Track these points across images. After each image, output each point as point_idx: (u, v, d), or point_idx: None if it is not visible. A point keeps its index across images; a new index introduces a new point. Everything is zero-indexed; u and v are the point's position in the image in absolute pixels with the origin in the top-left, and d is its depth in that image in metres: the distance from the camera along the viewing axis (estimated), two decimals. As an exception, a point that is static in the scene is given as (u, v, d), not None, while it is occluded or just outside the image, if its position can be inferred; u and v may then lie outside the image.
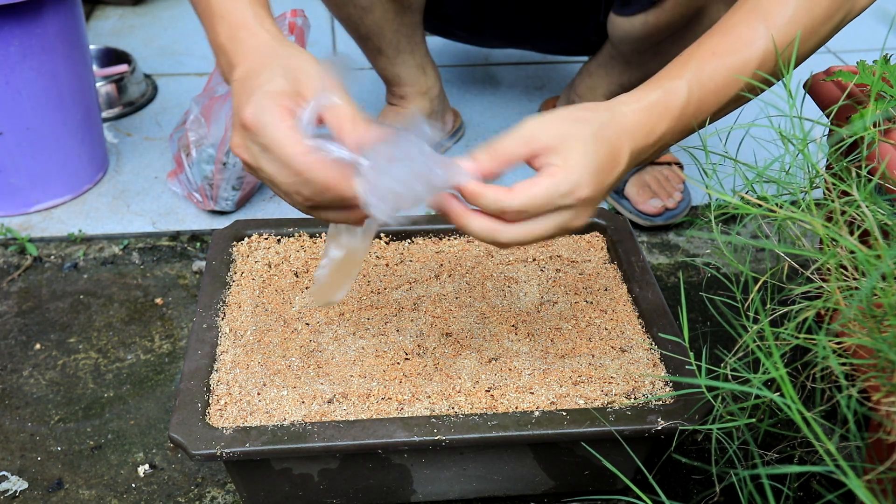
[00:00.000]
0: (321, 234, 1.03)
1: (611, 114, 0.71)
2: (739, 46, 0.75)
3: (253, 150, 0.67)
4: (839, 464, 0.55)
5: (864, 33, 1.92)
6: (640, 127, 0.72)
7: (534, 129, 0.68)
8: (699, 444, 0.96)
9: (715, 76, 0.75)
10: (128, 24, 1.92)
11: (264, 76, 0.68)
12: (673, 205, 1.27)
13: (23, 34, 1.18)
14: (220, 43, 0.74)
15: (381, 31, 1.26)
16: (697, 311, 1.14)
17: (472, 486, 0.86)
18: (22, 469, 0.93)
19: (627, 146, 0.71)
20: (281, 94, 0.67)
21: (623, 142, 0.71)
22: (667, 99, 0.73)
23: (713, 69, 0.75)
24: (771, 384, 0.75)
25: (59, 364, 1.06)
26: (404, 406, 0.81)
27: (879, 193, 0.79)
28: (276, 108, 0.66)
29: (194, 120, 1.27)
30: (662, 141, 0.74)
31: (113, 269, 1.21)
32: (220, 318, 0.91)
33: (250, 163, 0.68)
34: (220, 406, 0.81)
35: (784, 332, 0.68)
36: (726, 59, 0.75)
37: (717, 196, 0.69)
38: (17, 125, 1.23)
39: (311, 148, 0.65)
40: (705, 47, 0.76)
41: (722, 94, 0.75)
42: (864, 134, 0.79)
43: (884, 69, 0.90)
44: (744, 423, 0.71)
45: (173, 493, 0.91)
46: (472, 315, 0.93)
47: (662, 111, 0.73)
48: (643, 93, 0.73)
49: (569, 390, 0.83)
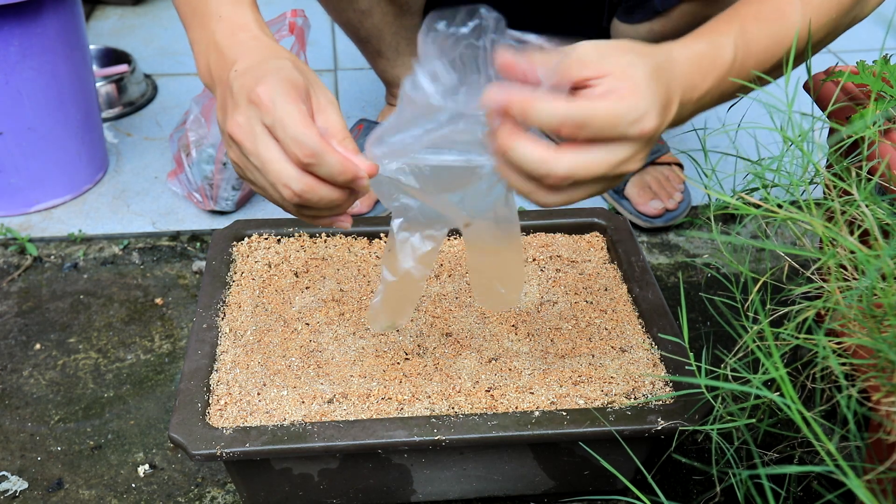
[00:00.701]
0: (321, 234, 1.03)
1: (666, 56, 0.64)
2: (779, 16, 0.71)
3: (256, 130, 0.64)
4: (839, 464, 0.55)
5: (864, 34, 1.92)
6: (690, 78, 0.66)
7: (590, 53, 0.60)
8: (699, 444, 0.96)
9: (759, 40, 0.70)
10: (128, 24, 1.92)
11: (274, 64, 0.67)
12: (674, 205, 1.27)
13: (23, 34, 1.18)
14: (215, 41, 0.73)
15: (381, 34, 1.27)
16: (697, 311, 1.14)
17: (472, 486, 0.86)
18: (22, 469, 0.93)
19: (678, 95, 0.64)
20: (296, 82, 0.65)
21: (675, 89, 0.64)
22: (714, 54, 0.67)
23: (757, 32, 0.69)
24: (771, 384, 0.75)
25: (59, 364, 1.06)
26: (404, 406, 0.81)
27: (879, 193, 0.79)
28: (292, 91, 0.64)
29: (194, 120, 1.27)
30: (702, 101, 0.67)
31: (113, 269, 1.21)
32: (220, 318, 0.91)
33: (246, 145, 0.65)
34: (220, 406, 0.81)
35: (784, 333, 0.68)
36: (769, 26, 0.70)
37: (716, 196, 0.69)
38: (17, 125, 1.23)
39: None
40: (749, 8, 0.70)
41: (762, 60, 0.70)
42: (864, 134, 0.79)
43: (884, 69, 0.90)
44: (744, 424, 0.71)
45: (173, 493, 0.91)
46: (472, 315, 0.93)
47: (709, 67, 0.67)
48: (692, 41, 0.67)
49: (569, 390, 0.83)
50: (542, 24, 1.34)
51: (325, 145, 0.63)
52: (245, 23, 0.73)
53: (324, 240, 1.03)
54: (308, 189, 0.64)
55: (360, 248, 1.02)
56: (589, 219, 1.05)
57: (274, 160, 0.64)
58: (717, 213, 0.75)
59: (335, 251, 1.01)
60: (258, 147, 0.64)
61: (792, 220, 0.68)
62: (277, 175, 0.64)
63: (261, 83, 0.64)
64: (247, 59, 0.69)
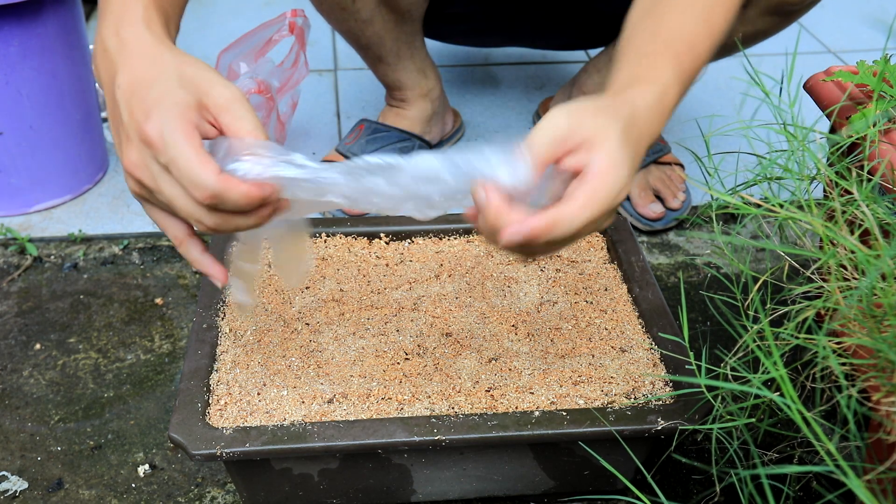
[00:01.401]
0: (321, 234, 1.03)
1: (630, 111, 0.66)
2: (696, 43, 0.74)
3: (153, 169, 0.62)
4: (839, 464, 0.55)
5: (864, 34, 1.92)
6: (649, 128, 0.69)
7: (561, 124, 0.63)
8: (699, 444, 0.96)
9: (693, 70, 0.73)
10: (128, 24, 1.92)
11: (160, 87, 0.63)
12: (677, 205, 1.28)
13: (23, 34, 1.18)
14: (101, 37, 0.68)
15: (382, 41, 1.27)
16: (697, 311, 1.14)
17: (472, 486, 0.86)
18: (22, 469, 0.93)
19: (643, 147, 0.68)
20: (185, 107, 0.62)
21: (641, 143, 0.67)
22: (664, 100, 0.70)
23: (691, 63, 0.73)
24: (771, 384, 0.75)
25: (59, 364, 1.06)
26: (404, 406, 0.81)
27: (880, 194, 0.79)
28: (182, 124, 0.61)
29: (194, 120, 1.27)
30: (650, 144, 0.70)
31: (113, 269, 1.21)
32: (220, 318, 0.91)
33: (147, 183, 0.63)
34: (220, 406, 0.81)
35: (784, 332, 0.68)
36: (700, 53, 0.74)
37: (718, 196, 0.69)
38: (17, 125, 1.23)
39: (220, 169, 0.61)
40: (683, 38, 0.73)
41: (688, 86, 0.74)
42: (864, 134, 0.79)
43: (884, 69, 0.90)
44: (743, 423, 0.71)
45: (173, 493, 0.91)
46: (472, 315, 0.93)
47: (662, 112, 0.70)
48: (647, 88, 0.69)
49: (569, 390, 0.83)
50: (548, 12, 1.34)
51: (223, 183, 0.60)
52: (133, 18, 0.67)
53: (324, 240, 1.03)
54: (222, 223, 0.63)
55: (360, 248, 1.02)
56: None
57: (178, 197, 0.62)
58: (717, 212, 0.75)
59: (335, 251, 1.01)
60: (160, 186, 0.63)
61: (792, 220, 0.68)
62: (188, 213, 0.63)
63: (149, 120, 0.61)
64: (129, 71, 0.65)
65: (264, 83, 1.24)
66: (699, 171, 0.82)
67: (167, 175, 0.62)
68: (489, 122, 1.56)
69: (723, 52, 1.26)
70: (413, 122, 1.36)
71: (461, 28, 1.40)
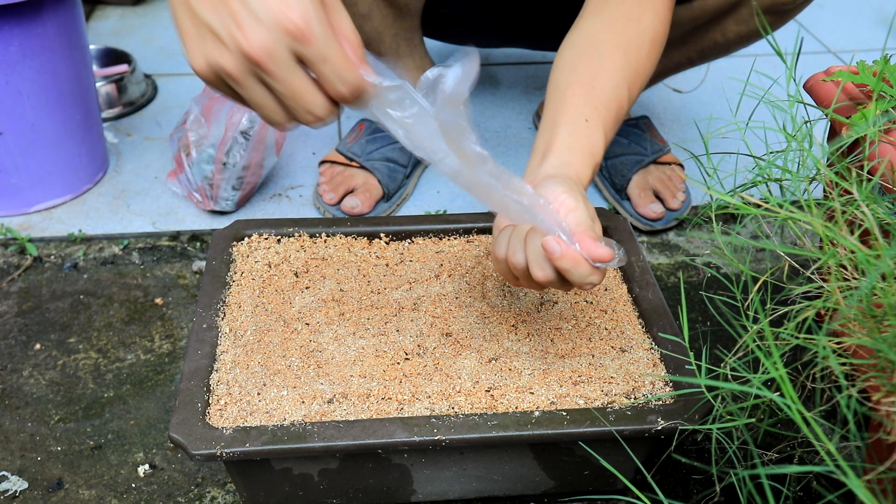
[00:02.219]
0: (321, 234, 1.03)
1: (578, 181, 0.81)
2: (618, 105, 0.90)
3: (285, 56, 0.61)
4: (839, 464, 0.55)
5: (864, 34, 1.92)
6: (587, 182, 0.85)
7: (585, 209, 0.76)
8: (699, 444, 0.96)
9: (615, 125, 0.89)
10: (128, 24, 1.92)
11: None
12: (677, 205, 1.28)
13: (23, 34, 1.18)
14: None
15: (381, 37, 1.27)
16: (697, 311, 1.14)
17: (472, 486, 0.86)
18: (22, 469, 0.93)
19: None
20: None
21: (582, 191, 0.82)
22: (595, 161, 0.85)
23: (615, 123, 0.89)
24: (771, 384, 0.75)
25: (59, 364, 1.06)
26: (404, 406, 0.81)
27: (880, 194, 0.79)
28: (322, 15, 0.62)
29: (194, 120, 1.27)
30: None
31: (113, 269, 1.21)
32: (220, 318, 0.91)
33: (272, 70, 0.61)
34: (220, 406, 0.81)
35: (784, 332, 0.68)
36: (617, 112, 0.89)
37: (717, 196, 0.69)
38: (17, 125, 1.23)
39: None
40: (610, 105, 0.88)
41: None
42: (864, 133, 0.79)
43: (884, 69, 0.90)
44: (743, 423, 0.71)
45: (173, 493, 0.91)
46: (472, 315, 0.93)
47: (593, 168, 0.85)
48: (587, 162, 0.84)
49: (569, 390, 0.83)
50: (550, 14, 1.34)
51: (365, 82, 0.65)
52: None
53: (324, 240, 1.03)
54: (331, 113, 0.66)
55: (360, 248, 1.02)
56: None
57: (307, 90, 0.63)
58: (717, 212, 0.75)
59: (335, 251, 1.01)
60: (288, 76, 0.62)
61: (792, 220, 0.68)
62: (307, 104, 0.64)
63: (291, 8, 0.60)
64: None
65: (264, 83, 1.24)
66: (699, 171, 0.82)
67: (297, 66, 0.62)
68: (489, 122, 1.56)
69: (717, 54, 1.27)
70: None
71: (457, 29, 1.41)
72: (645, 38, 0.93)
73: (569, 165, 0.82)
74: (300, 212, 1.32)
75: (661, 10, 0.94)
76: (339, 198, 1.29)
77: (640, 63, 0.92)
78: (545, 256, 0.74)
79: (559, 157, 0.83)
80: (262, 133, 1.26)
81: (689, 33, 1.24)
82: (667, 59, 1.30)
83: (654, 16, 0.93)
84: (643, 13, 0.93)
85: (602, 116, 0.86)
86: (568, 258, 0.72)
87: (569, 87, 0.88)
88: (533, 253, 0.75)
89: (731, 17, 1.19)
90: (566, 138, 0.84)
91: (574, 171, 0.82)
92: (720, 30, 1.21)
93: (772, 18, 1.15)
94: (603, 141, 0.86)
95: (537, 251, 0.74)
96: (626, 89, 0.90)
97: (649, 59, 0.93)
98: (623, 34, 0.92)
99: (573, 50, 0.92)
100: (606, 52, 0.90)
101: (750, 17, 1.17)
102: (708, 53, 1.27)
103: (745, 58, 1.38)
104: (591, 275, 0.73)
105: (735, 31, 1.21)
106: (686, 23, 1.22)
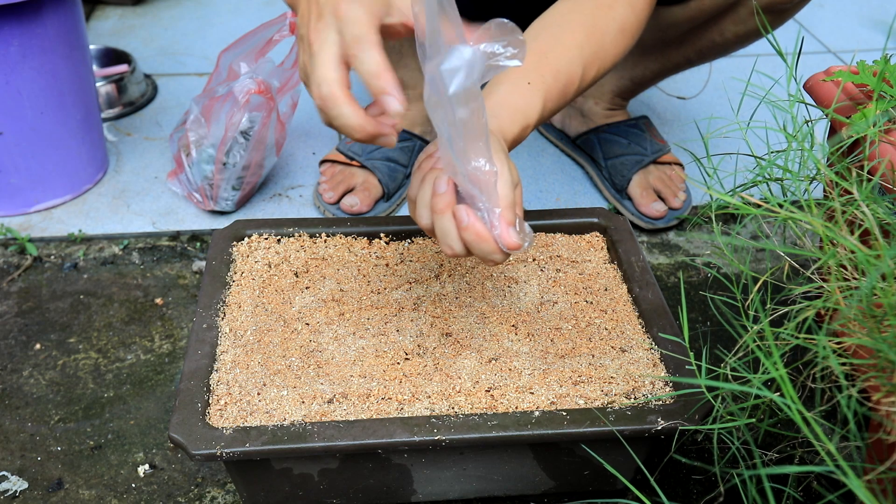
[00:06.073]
0: (321, 234, 1.03)
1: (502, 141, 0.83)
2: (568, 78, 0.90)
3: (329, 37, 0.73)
4: (839, 464, 0.55)
5: (864, 34, 1.92)
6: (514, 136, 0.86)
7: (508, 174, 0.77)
8: (699, 444, 0.96)
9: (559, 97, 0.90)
10: (128, 24, 1.92)
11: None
12: (678, 204, 1.28)
13: (23, 34, 1.18)
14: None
15: None
16: (697, 311, 1.14)
17: (472, 486, 0.86)
18: (22, 469, 0.93)
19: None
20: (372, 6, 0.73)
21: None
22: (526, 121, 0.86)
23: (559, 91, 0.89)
24: (771, 384, 0.75)
25: (59, 364, 1.06)
26: (404, 406, 0.81)
27: (880, 194, 0.79)
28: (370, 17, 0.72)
29: (194, 120, 1.27)
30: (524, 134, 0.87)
31: (113, 269, 1.21)
32: (220, 318, 0.91)
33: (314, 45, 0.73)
34: (220, 406, 0.81)
35: (784, 332, 0.68)
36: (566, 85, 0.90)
37: (717, 196, 0.69)
38: (17, 125, 1.23)
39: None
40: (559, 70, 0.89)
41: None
42: (864, 133, 0.79)
43: (884, 69, 0.90)
44: (744, 423, 0.71)
45: (173, 493, 0.91)
46: (472, 315, 0.93)
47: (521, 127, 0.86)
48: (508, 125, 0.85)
49: (569, 390, 0.83)
50: None
51: (393, 86, 0.74)
52: None
53: (324, 240, 1.03)
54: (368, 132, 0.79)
55: (360, 248, 1.02)
56: (589, 219, 1.05)
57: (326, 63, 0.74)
58: (717, 212, 0.75)
59: (335, 251, 1.01)
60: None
61: (792, 220, 0.68)
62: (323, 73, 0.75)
63: (343, 2, 0.72)
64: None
65: (264, 83, 1.24)
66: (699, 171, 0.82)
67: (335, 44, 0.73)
68: (489, 122, 1.56)
69: (716, 54, 1.27)
70: (413, 122, 1.36)
71: None
72: (613, 25, 0.93)
73: (496, 118, 0.83)
74: (300, 212, 1.32)
75: (637, 3, 0.95)
76: (338, 196, 1.29)
77: (602, 48, 0.92)
78: (455, 225, 0.74)
79: (489, 109, 0.83)
80: (262, 133, 1.26)
81: (687, 34, 1.24)
82: (665, 59, 1.30)
83: (628, 6, 0.94)
84: (617, 2, 0.93)
85: (546, 84, 0.87)
86: (472, 231, 0.73)
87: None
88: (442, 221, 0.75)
89: (729, 18, 1.19)
90: (503, 94, 0.85)
91: (498, 125, 0.82)
92: (718, 30, 1.21)
93: (770, 18, 1.15)
94: (540, 106, 0.86)
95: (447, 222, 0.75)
96: (581, 68, 0.90)
97: (614, 47, 0.93)
98: (591, 17, 0.92)
99: (539, 23, 0.94)
100: (569, 29, 0.91)
101: (748, 17, 1.17)
102: (707, 54, 1.27)
103: (745, 58, 1.38)
104: (494, 253, 0.74)
105: (733, 31, 1.21)
106: (684, 23, 1.22)
